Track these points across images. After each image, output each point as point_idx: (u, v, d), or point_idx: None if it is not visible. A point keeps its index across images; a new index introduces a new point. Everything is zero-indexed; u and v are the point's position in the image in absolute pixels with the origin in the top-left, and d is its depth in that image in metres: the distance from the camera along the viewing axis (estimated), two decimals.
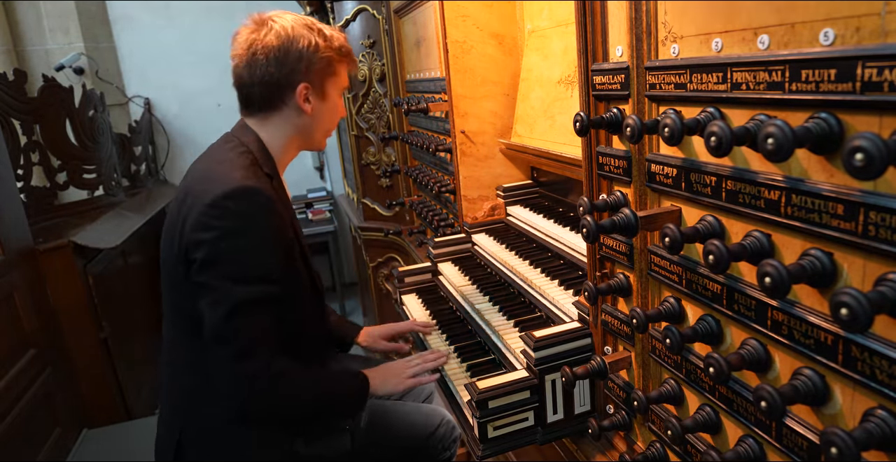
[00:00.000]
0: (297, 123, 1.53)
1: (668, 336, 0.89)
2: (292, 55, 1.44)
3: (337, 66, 1.52)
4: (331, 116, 1.57)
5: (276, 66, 1.44)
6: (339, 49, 1.51)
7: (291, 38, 1.44)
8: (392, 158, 3.40)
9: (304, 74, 1.46)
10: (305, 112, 1.50)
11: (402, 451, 1.67)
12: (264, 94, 1.48)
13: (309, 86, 1.48)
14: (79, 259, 2.91)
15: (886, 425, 0.62)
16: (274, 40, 1.43)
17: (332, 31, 1.53)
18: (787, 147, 0.62)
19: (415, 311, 2.05)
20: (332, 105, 1.56)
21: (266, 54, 1.43)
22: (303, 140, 1.58)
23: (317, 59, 1.46)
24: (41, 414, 2.57)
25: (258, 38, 1.44)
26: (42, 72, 3.72)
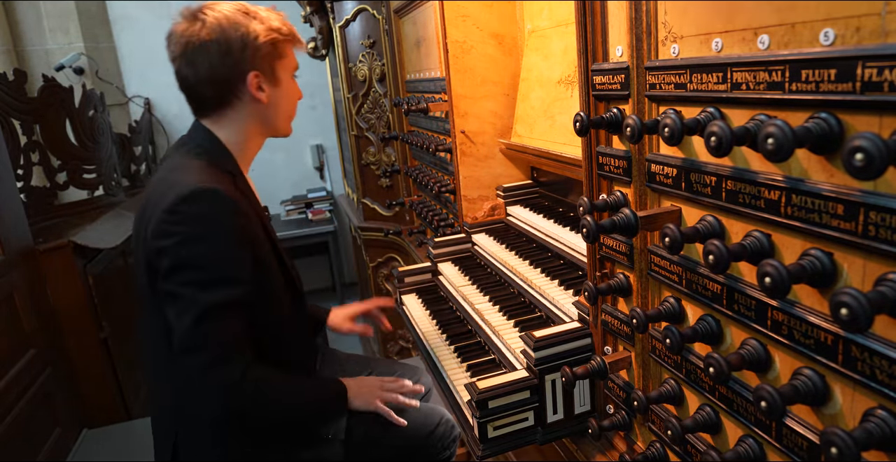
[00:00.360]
0: (256, 114, 1.48)
1: (668, 336, 0.89)
2: (234, 45, 1.38)
3: (282, 47, 1.46)
4: (288, 100, 1.53)
5: (220, 60, 1.38)
6: (279, 29, 1.44)
7: (228, 27, 1.38)
8: (392, 158, 3.40)
9: (251, 63, 1.41)
10: (261, 101, 1.45)
11: (401, 451, 1.67)
12: (214, 91, 1.43)
13: (259, 73, 1.43)
14: (79, 259, 2.91)
15: (886, 425, 0.62)
16: (210, 34, 1.37)
17: (269, 12, 1.47)
18: (787, 147, 0.62)
19: (415, 311, 2.05)
20: (286, 88, 1.51)
21: (206, 50, 1.37)
22: (265, 129, 1.54)
23: (260, 44, 1.40)
24: (41, 414, 2.57)
25: (193, 34, 1.37)
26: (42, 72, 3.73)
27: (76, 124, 3.39)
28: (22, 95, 3.09)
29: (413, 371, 2.02)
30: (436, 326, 1.91)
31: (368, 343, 4.38)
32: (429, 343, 1.82)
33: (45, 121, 3.21)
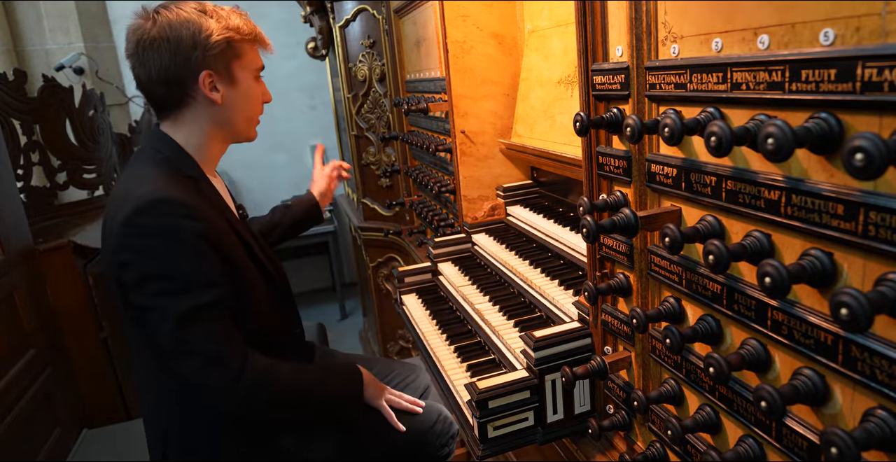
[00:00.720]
0: (211, 116, 1.45)
1: (668, 336, 0.89)
2: (184, 43, 1.35)
3: (239, 46, 1.41)
4: (247, 102, 1.48)
5: (170, 59, 1.35)
6: (237, 28, 1.40)
7: (178, 25, 1.35)
8: (392, 158, 3.40)
9: (202, 62, 1.37)
10: (215, 102, 1.42)
11: (399, 448, 1.67)
12: (167, 91, 1.40)
13: (212, 72, 1.39)
14: (79, 259, 2.91)
15: (886, 425, 0.62)
16: (160, 32, 1.34)
17: (230, 11, 1.43)
18: (787, 147, 0.62)
19: (415, 311, 2.05)
20: (245, 90, 1.46)
21: (157, 48, 1.35)
22: (225, 132, 1.50)
23: (212, 42, 1.36)
24: (41, 414, 2.57)
25: (144, 32, 1.35)
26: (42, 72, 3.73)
27: (76, 124, 3.39)
28: (22, 95, 3.09)
29: (411, 369, 2.02)
30: (436, 326, 1.91)
31: (369, 343, 4.38)
32: (429, 343, 1.82)
33: (45, 121, 3.21)
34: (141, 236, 1.28)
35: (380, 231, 3.37)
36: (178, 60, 1.36)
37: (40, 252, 2.78)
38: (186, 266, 1.30)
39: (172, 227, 1.29)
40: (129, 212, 1.28)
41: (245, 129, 1.53)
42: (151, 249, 1.28)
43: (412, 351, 3.44)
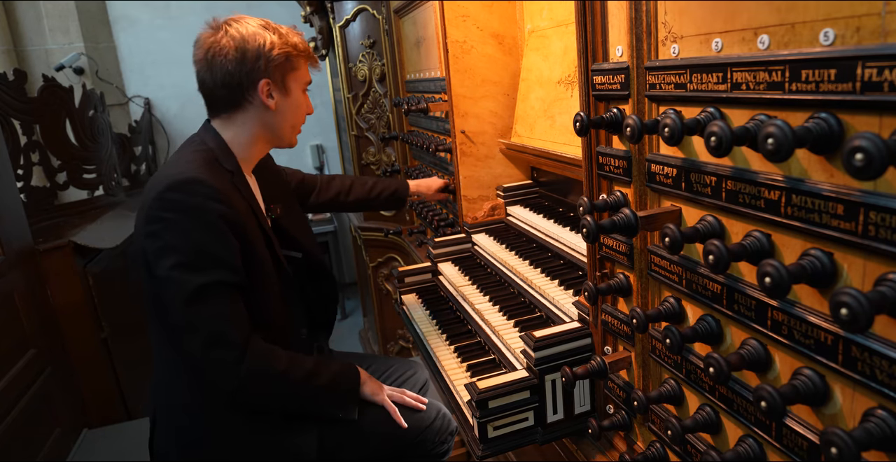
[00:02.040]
0: (262, 120, 1.57)
1: (668, 336, 0.89)
2: (250, 54, 1.49)
3: (295, 61, 1.56)
4: (295, 111, 1.61)
5: (236, 66, 1.49)
6: (295, 45, 1.55)
7: (246, 37, 1.49)
8: (392, 158, 3.40)
9: (264, 71, 1.51)
10: (269, 107, 1.55)
11: (397, 444, 1.68)
12: (227, 94, 1.53)
13: (270, 81, 1.52)
14: (79, 259, 2.91)
15: (886, 425, 0.62)
16: (230, 42, 1.48)
17: (288, 30, 1.58)
18: (787, 147, 0.62)
19: (415, 311, 2.05)
20: (295, 100, 1.59)
21: (224, 56, 1.48)
22: (270, 136, 1.62)
23: (274, 55, 1.50)
24: (41, 414, 2.57)
25: (215, 41, 1.49)
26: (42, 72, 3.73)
27: (76, 124, 3.39)
28: (22, 95, 3.09)
29: (409, 365, 2.03)
30: (436, 326, 1.91)
31: (369, 343, 4.38)
32: (429, 343, 1.82)
33: (45, 121, 3.21)
34: (168, 210, 1.39)
35: (380, 231, 3.37)
36: (244, 69, 1.50)
37: (40, 252, 2.77)
38: (205, 243, 1.40)
39: (198, 205, 1.39)
40: (162, 188, 1.40)
41: (288, 135, 1.64)
42: (175, 223, 1.39)
43: (412, 351, 3.44)
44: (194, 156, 1.51)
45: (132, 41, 5.10)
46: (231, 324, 1.41)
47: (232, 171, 1.54)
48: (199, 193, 1.40)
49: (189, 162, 1.48)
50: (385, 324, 3.71)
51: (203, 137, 1.58)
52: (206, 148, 1.55)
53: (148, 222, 1.41)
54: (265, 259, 1.54)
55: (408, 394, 1.72)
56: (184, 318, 1.40)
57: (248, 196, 1.56)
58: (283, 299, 1.61)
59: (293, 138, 1.66)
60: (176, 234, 1.39)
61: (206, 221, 1.39)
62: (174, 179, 1.40)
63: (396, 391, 1.71)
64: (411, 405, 1.70)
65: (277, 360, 1.48)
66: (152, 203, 1.40)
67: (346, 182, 2.22)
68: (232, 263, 1.42)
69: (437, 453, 1.76)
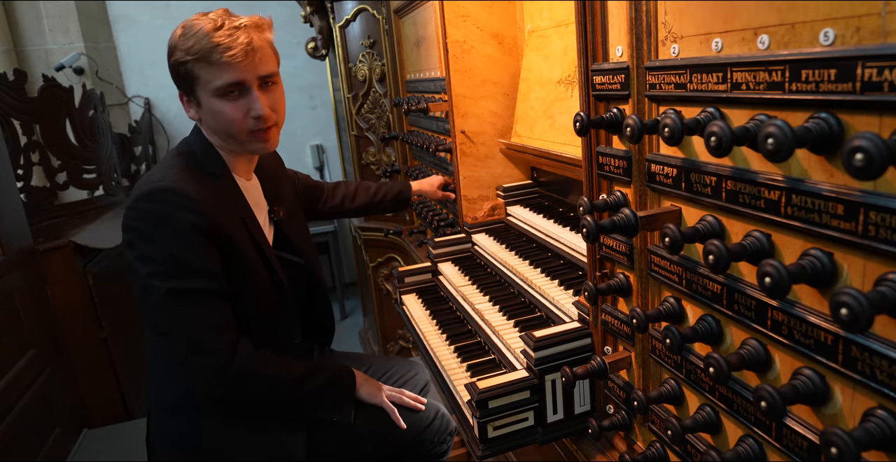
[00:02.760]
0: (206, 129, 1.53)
1: (668, 336, 0.89)
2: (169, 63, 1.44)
3: (190, 69, 1.39)
4: (216, 120, 1.45)
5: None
6: (188, 49, 1.38)
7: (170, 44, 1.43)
8: (392, 158, 3.40)
9: (175, 82, 1.46)
10: (193, 119, 1.52)
11: (396, 445, 1.68)
12: None
13: (181, 93, 1.47)
14: (79, 259, 2.91)
15: (886, 425, 0.62)
16: None
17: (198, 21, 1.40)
18: (787, 147, 0.62)
19: (415, 311, 2.05)
20: (209, 109, 1.43)
21: None
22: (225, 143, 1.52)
23: (171, 65, 1.43)
24: (41, 414, 2.57)
25: None
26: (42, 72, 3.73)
27: (76, 124, 3.39)
28: (22, 95, 3.09)
29: (410, 365, 2.02)
30: (436, 326, 1.91)
31: (369, 343, 4.38)
32: (429, 343, 1.82)
33: (45, 121, 3.21)
34: (138, 220, 1.38)
35: (380, 231, 3.37)
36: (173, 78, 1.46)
37: (40, 252, 2.78)
38: (176, 253, 1.37)
39: (166, 215, 1.37)
40: (136, 196, 1.39)
41: (236, 143, 1.50)
42: (146, 233, 1.38)
43: (412, 351, 3.44)
44: (176, 160, 1.48)
45: (132, 41, 5.10)
46: (213, 330, 1.39)
47: (217, 175, 1.49)
48: (168, 203, 1.36)
49: (169, 167, 1.45)
50: (385, 324, 3.71)
51: (189, 139, 1.55)
52: (190, 151, 1.51)
53: (124, 231, 1.41)
54: (255, 263, 1.50)
55: (406, 394, 1.71)
56: (167, 324, 1.39)
57: (235, 200, 1.51)
58: (276, 304, 1.58)
59: (251, 144, 1.49)
60: (148, 245, 1.37)
61: (176, 231, 1.36)
62: (147, 188, 1.38)
63: (395, 391, 1.71)
64: (410, 405, 1.69)
65: (267, 364, 1.47)
66: (126, 212, 1.40)
67: (350, 188, 2.21)
68: (208, 271, 1.39)
69: (435, 453, 1.76)
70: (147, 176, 1.47)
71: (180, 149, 1.53)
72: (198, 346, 1.38)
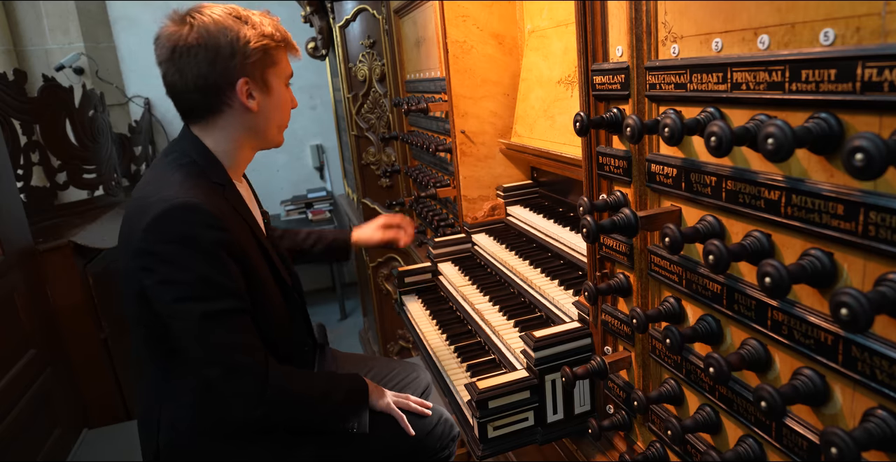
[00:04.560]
0: (245, 123, 1.43)
1: (668, 336, 0.89)
2: (223, 51, 1.33)
3: (274, 53, 1.40)
4: (279, 109, 1.47)
5: (208, 66, 1.33)
6: (272, 35, 1.38)
7: (217, 32, 1.32)
8: (392, 158, 3.40)
9: (241, 69, 1.35)
10: (251, 109, 1.40)
11: (399, 450, 1.67)
12: (202, 98, 1.38)
13: (249, 80, 1.37)
14: (79, 259, 2.91)
15: (886, 425, 0.62)
16: (198, 38, 1.32)
17: (262, 16, 1.41)
18: (787, 147, 0.62)
19: (415, 312, 2.05)
20: (278, 97, 1.44)
21: (194, 55, 1.33)
22: (255, 139, 1.49)
23: (250, 50, 1.34)
24: (41, 414, 2.57)
25: (181, 37, 1.33)
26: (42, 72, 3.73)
27: (76, 124, 3.39)
28: (22, 95, 3.09)
29: (412, 368, 2.02)
30: (436, 326, 1.91)
31: (369, 343, 4.38)
32: (429, 343, 1.82)
33: (45, 121, 3.21)
34: (160, 242, 1.28)
35: None
36: (217, 68, 1.34)
37: (40, 252, 2.78)
38: (203, 273, 1.29)
39: (191, 235, 1.28)
40: (151, 218, 1.27)
41: (274, 135, 1.51)
42: (170, 255, 1.28)
43: (412, 351, 3.44)
44: (180, 172, 1.37)
45: (132, 41, 5.10)
46: (247, 351, 1.34)
47: (223, 184, 1.42)
48: (190, 222, 1.27)
49: (176, 182, 1.33)
50: (385, 324, 3.71)
51: (184, 147, 1.43)
52: (191, 161, 1.40)
53: (139, 255, 1.29)
54: (266, 275, 1.47)
55: (412, 399, 1.69)
56: (199, 351, 1.31)
57: (242, 210, 1.46)
58: (287, 312, 1.57)
59: (280, 138, 1.53)
60: (172, 268, 1.28)
61: (200, 251, 1.28)
62: (164, 207, 1.27)
63: (401, 397, 1.68)
64: (416, 411, 1.67)
65: (294, 381, 1.42)
66: (143, 235, 1.27)
67: (277, 231, 1.96)
68: (235, 290, 1.33)
69: (438, 459, 1.75)
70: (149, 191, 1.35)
71: (179, 160, 1.41)
72: (234, 370, 1.32)
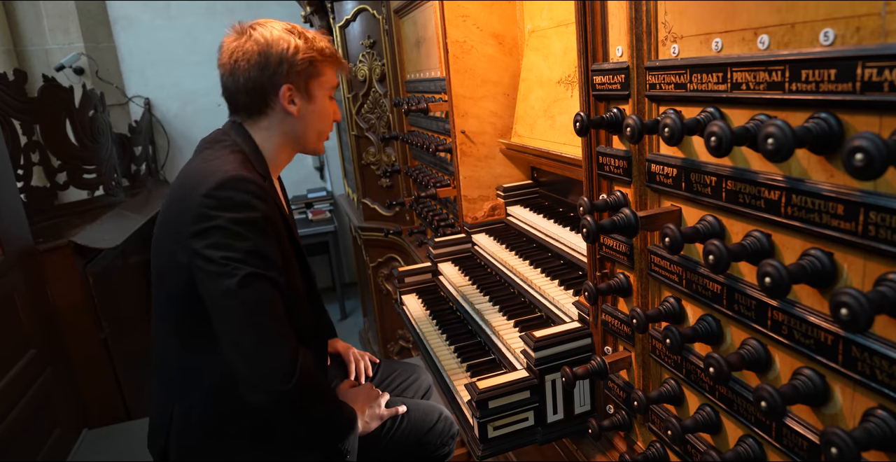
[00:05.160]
0: (286, 127, 1.54)
1: (668, 336, 0.89)
2: (273, 58, 1.46)
3: (320, 66, 1.52)
4: (320, 118, 1.57)
5: (258, 71, 1.46)
6: (321, 50, 1.51)
7: (271, 42, 1.46)
8: (392, 158, 3.40)
9: (286, 76, 1.48)
10: (291, 114, 1.52)
11: (399, 447, 1.68)
12: (250, 100, 1.50)
13: (292, 87, 1.49)
14: (79, 259, 2.91)
15: (886, 425, 0.62)
16: (254, 46, 1.46)
17: (315, 34, 1.54)
18: (788, 147, 0.62)
19: (415, 311, 2.05)
20: (319, 106, 1.56)
21: (248, 60, 1.46)
22: (295, 143, 1.59)
23: (297, 60, 1.47)
24: (41, 414, 2.57)
25: (239, 46, 1.47)
26: (42, 72, 3.73)
27: (76, 124, 3.39)
28: (22, 95, 3.09)
29: (413, 370, 2.02)
30: (436, 326, 1.91)
31: (369, 343, 4.38)
32: (429, 343, 1.82)
33: (45, 121, 3.21)
34: (220, 208, 1.34)
35: (380, 231, 3.37)
36: (266, 73, 1.47)
37: (40, 252, 2.77)
38: (255, 241, 1.34)
39: (250, 205, 1.36)
40: (213, 185, 1.34)
41: (314, 142, 1.61)
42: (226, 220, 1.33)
43: (412, 351, 3.44)
44: (233, 156, 1.46)
45: (132, 41, 5.10)
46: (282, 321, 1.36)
47: (265, 177, 1.50)
48: (249, 191, 1.36)
49: (232, 160, 1.44)
50: (385, 324, 3.71)
51: (235, 139, 1.53)
52: (241, 150, 1.51)
53: (199, 220, 1.34)
54: (293, 266, 1.53)
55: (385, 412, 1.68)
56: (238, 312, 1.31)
57: (278, 203, 1.53)
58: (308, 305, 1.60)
59: (319, 145, 1.63)
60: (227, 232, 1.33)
61: (253, 219, 1.35)
62: (224, 177, 1.35)
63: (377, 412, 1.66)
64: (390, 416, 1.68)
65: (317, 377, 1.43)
66: (203, 200, 1.34)
67: None
68: (275, 261, 1.38)
69: (438, 456, 1.76)
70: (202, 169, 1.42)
71: (231, 147, 1.50)
72: (274, 333, 1.33)
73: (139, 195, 4.24)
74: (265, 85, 1.48)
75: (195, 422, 1.49)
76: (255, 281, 1.32)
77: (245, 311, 1.32)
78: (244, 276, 1.31)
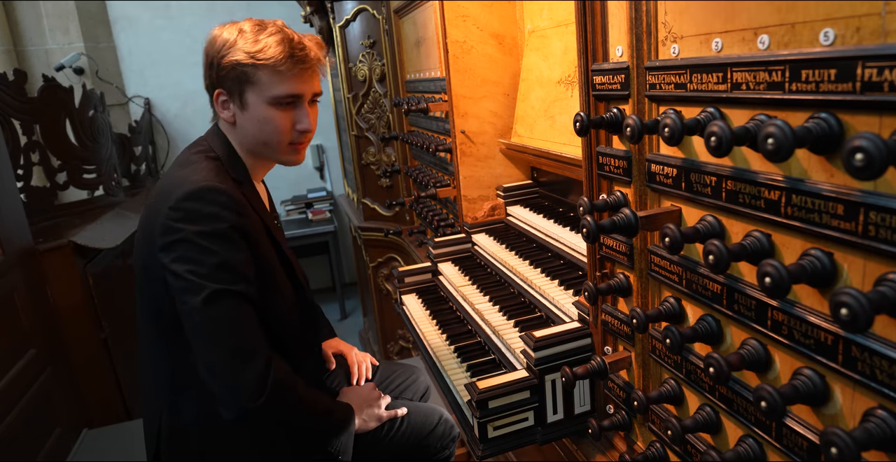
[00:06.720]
0: (232, 132, 1.50)
1: (668, 336, 0.89)
2: (207, 59, 1.44)
3: (251, 72, 1.39)
4: (259, 128, 1.44)
5: (204, 71, 1.46)
6: (255, 54, 1.38)
7: (213, 41, 1.42)
8: (392, 158, 3.40)
9: (217, 80, 1.43)
10: (227, 120, 1.48)
11: (399, 450, 1.67)
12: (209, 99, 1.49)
13: (222, 92, 1.44)
14: (79, 259, 2.91)
15: (886, 425, 0.62)
16: (207, 46, 1.44)
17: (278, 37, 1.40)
18: (788, 147, 0.62)
19: (415, 312, 2.05)
20: (256, 115, 1.43)
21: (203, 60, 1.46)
22: (254, 151, 1.51)
23: (222, 64, 1.39)
24: (41, 414, 2.57)
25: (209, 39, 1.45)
26: (42, 72, 3.73)
27: (76, 124, 3.39)
28: (22, 95, 3.09)
29: (411, 371, 2.02)
30: (436, 326, 1.91)
31: (369, 343, 4.38)
32: (429, 343, 1.82)
33: (45, 121, 3.21)
34: (185, 220, 1.32)
35: (380, 231, 3.37)
36: (207, 74, 1.46)
37: (40, 252, 2.77)
38: (220, 254, 1.32)
39: (216, 216, 1.33)
40: (179, 196, 1.32)
41: (271, 153, 1.51)
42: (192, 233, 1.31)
43: (412, 351, 3.44)
44: (205, 163, 1.43)
45: (132, 41, 5.10)
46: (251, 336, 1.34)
47: (240, 181, 1.47)
48: (217, 202, 1.33)
49: (203, 170, 1.40)
50: (385, 324, 3.71)
51: (211, 143, 1.51)
52: (214, 156, 1.48)
53: (165, 233, 1.32)
54: (277, 272, 1.49)
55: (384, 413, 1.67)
56: (205, 330, 1.31)
57: (258, 207, 1.50)
58: (300, 314, 1.58)
59: (284, 156, 1.51)
60: (192, 246, 1.31)
61: (221, 231, 1.32)
62: (193, 187, 1.33)
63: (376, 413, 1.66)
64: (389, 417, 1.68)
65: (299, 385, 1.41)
66: (169, 213, 1.32)
67: None
68: (245, 275, 1.35)
69: (438, 459, 1.75)
70: (175, 174, 1.41)
71: (205, 153, 1.47)
72: (240, 351, 1.31)
73: (139, 195, 4.24)
74: (208, 87, 1.47)
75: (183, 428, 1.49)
76: (221, 297, 1.30)
77: (210, 329, 1.31)
78: (210, 293, 1.29)
